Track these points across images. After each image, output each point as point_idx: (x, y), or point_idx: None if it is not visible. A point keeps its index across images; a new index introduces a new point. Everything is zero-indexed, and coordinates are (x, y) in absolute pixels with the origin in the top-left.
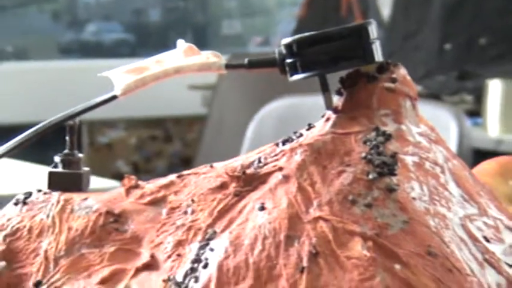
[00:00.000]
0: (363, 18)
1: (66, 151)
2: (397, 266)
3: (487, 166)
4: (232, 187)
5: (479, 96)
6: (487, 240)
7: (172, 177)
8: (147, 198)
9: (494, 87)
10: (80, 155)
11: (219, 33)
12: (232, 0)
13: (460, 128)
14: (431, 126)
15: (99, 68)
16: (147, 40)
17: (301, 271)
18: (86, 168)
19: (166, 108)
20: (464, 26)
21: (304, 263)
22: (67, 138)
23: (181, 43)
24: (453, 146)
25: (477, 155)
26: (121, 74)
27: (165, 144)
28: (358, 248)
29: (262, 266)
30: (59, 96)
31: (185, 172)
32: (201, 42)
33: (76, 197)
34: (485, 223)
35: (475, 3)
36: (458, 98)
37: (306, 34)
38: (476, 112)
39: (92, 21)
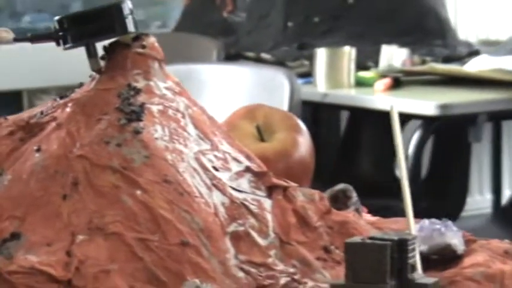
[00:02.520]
0: (233, 5)
1: None
2: (138, 192)
3: (238, 111)
4: (19, 134)
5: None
6: (216, 169)
7: None
8: None
9: (321, 54)
10: None
11: None
12: None
13: (291, 85)
14: (177, 82)
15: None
16: None
17: (64, 198)
18: None
19: None
20: (302, 8)
21: (67, 191)
22: None
23: None
24: (287, 98)
25: (307, 105)
26: None
27: None
28: (108, 179)
29: (36, 195)
30: None
31: None
32: None
33: None
34: (215, 156)
35: None
36: (298, 63)
37: (75, 12)
38: (311, 73)
39: (27, 13)
